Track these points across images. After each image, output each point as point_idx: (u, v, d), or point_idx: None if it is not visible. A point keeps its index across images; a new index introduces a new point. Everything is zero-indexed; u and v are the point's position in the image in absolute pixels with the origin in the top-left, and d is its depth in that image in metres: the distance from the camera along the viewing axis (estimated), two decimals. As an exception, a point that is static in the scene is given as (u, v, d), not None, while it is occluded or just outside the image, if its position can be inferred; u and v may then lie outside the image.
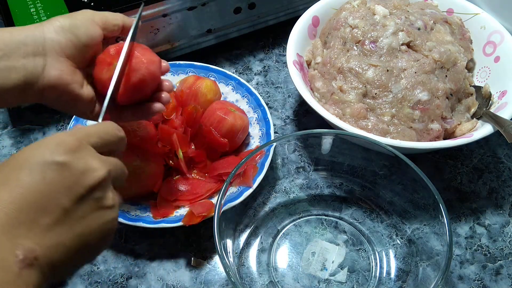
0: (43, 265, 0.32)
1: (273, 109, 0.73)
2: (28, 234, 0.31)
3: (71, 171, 0.34)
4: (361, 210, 0.62)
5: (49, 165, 0.33)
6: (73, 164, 0.34)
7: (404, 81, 0.60)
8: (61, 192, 0.33)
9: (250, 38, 0.81)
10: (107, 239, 0.37)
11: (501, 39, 0.67)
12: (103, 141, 0.38)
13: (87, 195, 0.34)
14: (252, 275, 0.56)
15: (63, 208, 0.33)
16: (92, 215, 0.35)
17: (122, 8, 0.65)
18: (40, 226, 0.32)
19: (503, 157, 0.68)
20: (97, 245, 0.36)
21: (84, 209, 0.34)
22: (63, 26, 0.45)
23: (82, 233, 0.34)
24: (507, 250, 0.59)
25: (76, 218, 0.34)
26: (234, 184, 0.57)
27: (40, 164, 0.33)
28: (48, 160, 0.33)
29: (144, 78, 0.47)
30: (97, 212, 0.35)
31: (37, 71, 0.44)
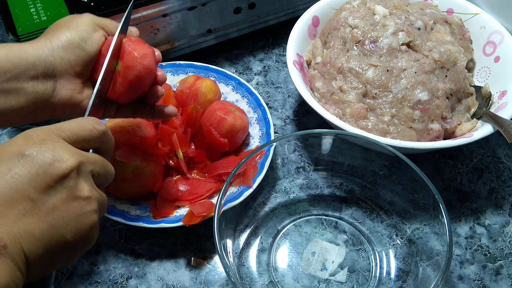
0: (14, 255, 0.31)
1: (273, 109, 0.73)
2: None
3: (37, 162, 0.33)
4: (361, 210, 0.62)
5: (16, 157, 0.33)
6: (38, 155, 0.34)
7: (404, 81, 0.60)
8: (27, 183, 0.33)
9: (250, 38, 0.81)
10: (88, 235, 0.36)
11: (501, 39, 0.67)
12: (77, 136, 0.37)
13: (56, 185, 0.34)
14: (252, 275, 0.56)
15: (30, 199, 0.33)
16: (64, 205, 0.34)
17: (122, 8, 0.65)
18: (7, 217, 0.32)
19: (503, 157, 0.68)
20: (75, 240, 0.35)
21: (55, 200, 0.34)
22: (71, 41, 0.44)
23: (54, 224, 0.34)
24: (507, 250, 0.59)
25: (46, 209, 0.33)
26: (234, 184, 0.57)
27: (6, 158, 0.33)
28: (14, 153, 0.34)
29: (140, 74, 0.47)
30: (70, 203, 0.34)
31: (47, 93, 0.44)
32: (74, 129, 0.37)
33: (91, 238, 0.37)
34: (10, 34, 0.61)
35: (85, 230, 0.35)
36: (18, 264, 0.32)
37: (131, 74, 0.47)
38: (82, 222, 0.35)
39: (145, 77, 0.48)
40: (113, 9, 0.64)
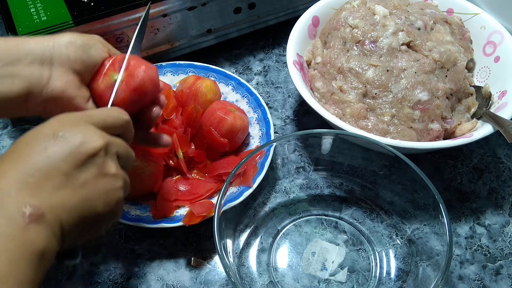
0: (51, 223, 0.34)
1: (273, 109, 0.73)
2: (33, 195, 0.34)
3: (70, 141, 0.37)
4: (361, 210, 0.62)
5: (50, 137, 0.37)
6: (71, 136, 0.37)
7: (404, 81, 0.60)
8: (61, 159, 0.36)
9: (250, 38, 0.81)
10: (114, 208, 0.39)
11: (501, 39, 0.67)
12: (105, 123, 0.40)
13: (87, 162, 0.37)
14: (252, 275, 0.56)
15: (64, 173, 0.36)
16: (94, 180, 0.38)
17: (122, 8, 0.65)
18: (44, 189, 0.35)
19: (503, 157, 0.68)
20: (103, 212, 0.38)
21: (86, 175, 0.37)
22: (74, 41, 0.45)
23: (86, 197, 0.37)
24: (507, 250, 0.59)
25: (78, 183, 0.37)
26: (234, 184, 0.57)
27: (42, 138, 0.37)
28: (49, 134, 0.37)
29: (143, 82, 0.47)
30: (100, 178, 0.38)
31: (42, 80, 0.43)
32: (101, 115, 0.41)
33: (117, 211, 0.40)
34: (10, 34, 0.61)
35: (112, 203, 0.39)
36: (54, 232, 0.34)
37: (134, 81, 0.47)
38: (110, 196, 0.39)
39: (148, 86, 0.48)
40: (113, 9, 0.64)
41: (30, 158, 0.36)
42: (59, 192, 0.36)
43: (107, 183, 0.39)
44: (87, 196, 0.37)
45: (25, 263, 0.32)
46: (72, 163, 0.37)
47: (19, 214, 0.33)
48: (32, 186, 0.35)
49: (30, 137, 0.37)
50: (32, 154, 0.36)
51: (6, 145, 0.68)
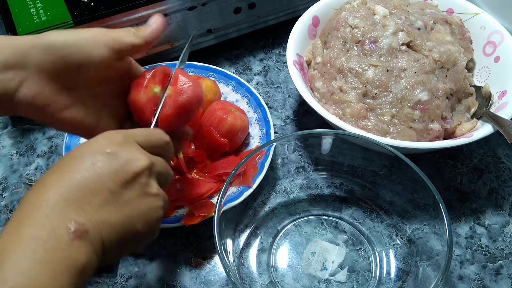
0: (94, 240, 0.35)
1: (273, 109, 0.73)
2: (79, 211, 0.35)
3: (117, 159, 0.38)
4: (361, 210, 0.62)
5: (98, 155, 0.37)
6: (119, 153, 0.38)
7: (404, 81, 0.60)
8: (108, 177, 0.37)
9: (250, 38, 0.81)
10: (153, 227, 0.40)
11: (501, 39, 0.67)
12: (148, 142, 0.41)
13: (132, 181, 0.38)
14: (252, 275, 0.56)
15: (110, 191, 0.37)
16: (137, 199, 0.38)
17: (122, 8, 0.65)
18: (90, 206, 0.36)
19: (503, 157, 0.68)
20: (143, 231, 0.39)
21: (130, 194, 0.38)
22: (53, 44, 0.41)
23: (129, 215, 0.38)
24: (507, 250, 0.59)
25: (122, 201, 0.37)
26: (234, 184, 0.57)
27: (90, 154, 0.37)
28: (97, 150, 0.38)
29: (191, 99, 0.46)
30: (142, 198, 0.39)
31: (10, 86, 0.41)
32: (146, 135, 0.42)
33: (155, 230, 0.41)
34: (10, 34, 0.61)
35: (152, 222, 0.40)
36: (95, 248, 0.35)
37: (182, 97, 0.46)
38: (151, 215, 0.39)
39: (194, 104, 0.47)
40: (113, 9, 0.64)
41: (78, 173, 0.36)
42: (104, 209, 0.36)
43: (149, 203, 0.39)
44: (130, 214, 0.38)
45: (67, 276, 0.32)
46: (118, 181, 0.37)
47: (65, 229, 0.33)
48: (78, 201, 0.35)
49: (79, 151, 0.38)
50: (80, 169, 0.36)
51: (6, 145, 0.68)
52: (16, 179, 0.65)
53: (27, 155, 0.67)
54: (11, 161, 0.67)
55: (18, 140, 0.69)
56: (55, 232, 0.33)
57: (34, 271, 0.31)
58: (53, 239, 0.33)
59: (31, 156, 0.67)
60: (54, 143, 0.69)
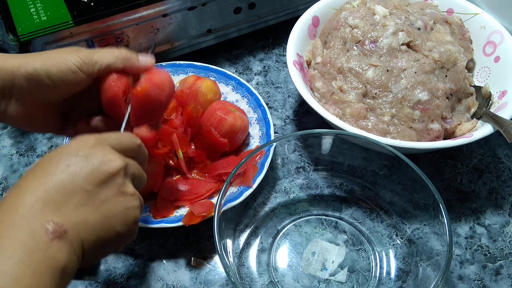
0: (73, 241, 0.35)
1: (273, 109, 0.73)
2: (57, 212, 0.35)
3: (92, 160, 0.38)
4: (361, 210, 0.62)
5: (72, 157, 0.38)
6: (92, 155, 0.39)
7: (404, 81, 0.60)
8: (83, 177, 0.37)
9: (250, 38, 0.81)
10: (131, 226, 0.40)
11: (501, 39, 0.67)
12: (121, 145, 0.42)
13: (108, 181, 0.39)
14: (252, 275, 0.56)
15: (86, 191, 0.37)
16: (114, 199, 0.39)
17: (122, 8, 0.65)
18: (67, 206, 0.36)
19: (503, 157, 0.68)
20: (122, 230, 0.39)
21: (107, 193, 0.38)
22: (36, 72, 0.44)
23: (107, 215, 0.38)
24: (507, 250, 0.59)
25: (99, 201, 0.38)
26: (234, 184, 0.57)
27: (64, 157, 0.38)
28: (72, 153, 0.38)
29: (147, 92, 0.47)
30: (119, 197, 0.39)
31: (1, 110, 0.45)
32: (118, 138, 0.42)
33: (134, 230, 0.41)
34: (10, 34, 0.61)
35: (130, 222, 0.40)
36: (75, 249, 0.35)
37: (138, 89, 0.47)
38: (129, 214, 0.40)
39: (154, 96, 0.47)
40: (113, 9, 0.64)
41: (54, 175, 0.37)
42: (81, 209, 0.37)
43: (126, 202, 0.40)
44: (107, 214, 0.38)
45: (49, 277, 0.33)
46: (94, 181, 0.38)
47: (43, 230, 0.34)
48: (56, 202, 0.36)
49: (54, 155, 0.38)
50: (55, 171, 0.37)
51: (6, 145, 0.68)
52: (16, 179, 0.65)
53: (27, 155, 0.67)
54: (11, 161, 0.67)
55: (18, 140, 0.69)
56: (33, 233, 0.33)
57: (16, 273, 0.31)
58: (32, 240, 0.33)
59: (31, 156, 0.67)
60: (54, 143, 0.69)
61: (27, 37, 0.61)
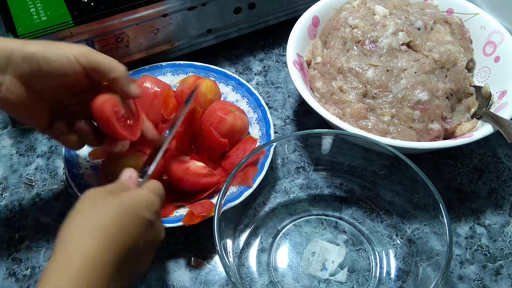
0: None
1: (273, 109, 0.73)
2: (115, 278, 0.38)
3: (154, 229, 0.43)
4: (361, 210, 0.62)
5: (143, 220, 0.41)
6: (156, 224, 0.43)
7: (404, 81, 0.60)
8: (145, 242, 0.42)
9: (250, 38, 0.81)
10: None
11: (501, 39, 0.67)
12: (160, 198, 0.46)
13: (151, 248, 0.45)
14: (252, 275, 0.56)
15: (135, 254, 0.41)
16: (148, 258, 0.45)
17: (122, 8, 0.65)
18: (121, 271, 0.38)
19: (503, 157, 0.68)
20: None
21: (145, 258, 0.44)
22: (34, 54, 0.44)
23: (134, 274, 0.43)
24: (507, 250, 0.59)
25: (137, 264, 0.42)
26: (234, 184, 0.57)
27: (135, 218, 0.40)
28: (142, 216, 0.41)
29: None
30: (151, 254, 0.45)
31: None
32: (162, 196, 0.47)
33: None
34: (10, 34, 0.61)
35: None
36: None
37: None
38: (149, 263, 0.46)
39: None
40: (113, 9, 0.64)
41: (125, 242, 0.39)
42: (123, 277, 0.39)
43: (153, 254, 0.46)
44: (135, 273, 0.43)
45: None
46: (150, 250, 0.44)
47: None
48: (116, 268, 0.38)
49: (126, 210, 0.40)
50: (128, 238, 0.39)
51: (6, 145, 0.68)
52: (16, 179, 0.65)
53: (27, 155, 0.67)
54: (11, 161, 0.67)
55: (18, 140, 0.69)
56: None
57: None
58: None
59: (31, 156, 0.67)
60: (54, 143, 0.69)
61: (27, 37, 0.61)
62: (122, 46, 0.68)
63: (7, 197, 0.63)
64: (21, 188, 0.64)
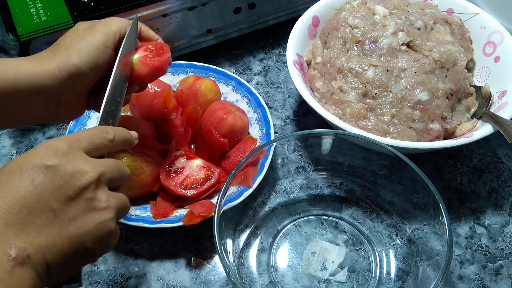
0: (36, 264, 0.33)
1: (273, 109, 0.73)
2: (20, 234, 0.33)
3: (60, 173, 0.35)
4: (361, 210, 0.62)
5: (38, 169, 0.35)
6: (61, 166, 0.35)
7: (404, 81, 0.60)
8: (49, 194, 0.34)
9: (250, 38, 0.81)
10: (107, 241, 0.37)
11: (501, 39, 0.67)
12: (94, 145, 0.39)
13: (76, 197, 0.35)
14: (252, 275, 0.56)
15: (52, 209, 0.34)
16: (84, 216, 0.35)
17: (122, 8, 0.65)
18: (31, 227, 0.33)
19: (503, 157, 0.68)
20: (95, 247, 0.36)
21: (75, 210, 0.35)
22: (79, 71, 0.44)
23: (75, 234, 0.35)
24: (507, 250, 0.59)
25: (67, 219, 0.35)
26: (234, 184, 0.57)
27: (29, 168, 0.34)
28: (37, 164, 0.35)
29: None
30: (89, 213, 0.36)
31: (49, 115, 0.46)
32: (89, 139, 0.39)
33: (110, 243, 0.38)
34: (10, 34, 0.61)
35: (104, 237, 0.37)
36: (38, 273, 0.33)
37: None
38: (101, 229, 0.36)
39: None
40: (113, 9, 0.64)
41: (17, 192, 0.34)
42: (46, 230, 0.34)
43: (97, 217, 0.36)
44: (76, 233, 0.35)
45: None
46: (61, 198, 0.35)
47: (5, 256, 0.31)
48: (19, 223, 0.33)
49: (16, 166, 0.35)
50: (19, 187, 0.34)
51: (6, 145, 0.68)
52: (16, 179, 0.65)
53: (27, 155, 0.67)
54: (11, 161, 0.67)
55: (18, 140, 0.69)
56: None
57: None
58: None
59: (31, 156, 0.67)
60: (54, 143, 0.69)
61: (27, 37, 0.61)
62: (122, 46, 0.68)
63: (7, 197, 0.63)
64: (21, 188, 0.64)
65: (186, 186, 0.58)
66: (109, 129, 0.41)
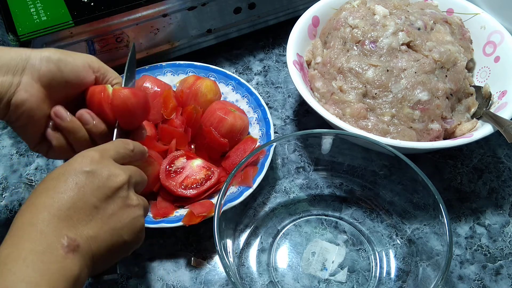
0: (84, 253, 0.39)
1: (273, 109, 0.73)
2: (70, 227, 0.39)
3: (98, 177, 0.41)
4: (361, 210, 0.62)
5: (80, 174, 0.41)
6: (98, 171, 0.41)
7: (404, 81, 0.60)
8: (91, 194, 0.40)
9: (250, 38, 0.81)
10: (138, 234, 0.44)
11: (501, 39, 0.67)
12: (119, 154, 0.45)
13: (113, 195, 0.42)
14: (252, 275, 0.56)
15: (94, 207, 0.40)
16: (120, 211, 0.42)
17: (122, 8, 0.65)
18: (78, 222, 0.39)
19: (503, 157, 0.68)
20: (130, 239, 0.43)
21: (113, 207, 0.41)
22: (50, 57, 0.47)
23: (115, 227, 0.41)
24: (507, 250, 0.59)
25: (107, 215, 0.41)
26: (234, 184, 0.57)
27: (72, 174, 0.41)
28: (78, 170, 0.41)
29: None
30: (125, 209, 0.42)
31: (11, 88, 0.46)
32: (115, 149, 0.45)
33: (141, 237, 0.45)
34: (10, 34, 0.61)
35: (137, 231, 0.43)
36: (86, 261, 0.39)
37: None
38: (135, 224, 0.43)
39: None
40: (113, 9, 0.64)
41: (65, 193, 0.40)
42: (91, 224, 0.40)
43: (132, 213, 0.43)
44: (115, 226, 0.41)
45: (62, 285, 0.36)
46: (101, 197, 0.41)
47: (59, 244, 0.37)
48: (69, 219, 0.39)
49: (61, 173, 0.41)
50: (66, 190, 0.40)
51: (6, 145, 0.68)
52: (16, 179, 0.65)
53: (27, 155, 0.67)
54: (11, 161, 0.67)
55: (18, 140, 0.69)
56: (50, 246, 0.37)
57: (34, 280, 0.35)
58: (49, 252, 0.36)
59: (31, 156, 0.67)
60: (54, 143, 0.69)
61: (27, 37, 0.61)
62: (122, 46, 0.68)
63: (7, 197, 0.63)
64: (21, 188, 0.64)
65: (186, 186, 0.58)
66: (129, 141, 0.48)
